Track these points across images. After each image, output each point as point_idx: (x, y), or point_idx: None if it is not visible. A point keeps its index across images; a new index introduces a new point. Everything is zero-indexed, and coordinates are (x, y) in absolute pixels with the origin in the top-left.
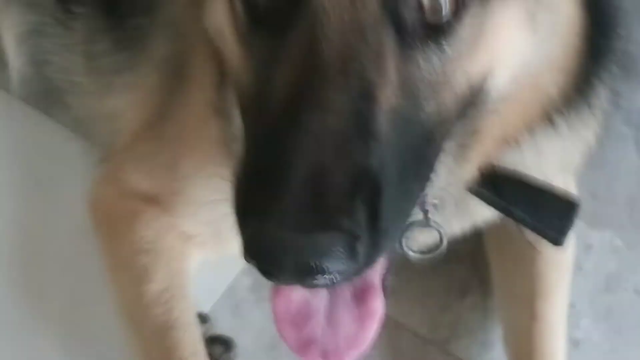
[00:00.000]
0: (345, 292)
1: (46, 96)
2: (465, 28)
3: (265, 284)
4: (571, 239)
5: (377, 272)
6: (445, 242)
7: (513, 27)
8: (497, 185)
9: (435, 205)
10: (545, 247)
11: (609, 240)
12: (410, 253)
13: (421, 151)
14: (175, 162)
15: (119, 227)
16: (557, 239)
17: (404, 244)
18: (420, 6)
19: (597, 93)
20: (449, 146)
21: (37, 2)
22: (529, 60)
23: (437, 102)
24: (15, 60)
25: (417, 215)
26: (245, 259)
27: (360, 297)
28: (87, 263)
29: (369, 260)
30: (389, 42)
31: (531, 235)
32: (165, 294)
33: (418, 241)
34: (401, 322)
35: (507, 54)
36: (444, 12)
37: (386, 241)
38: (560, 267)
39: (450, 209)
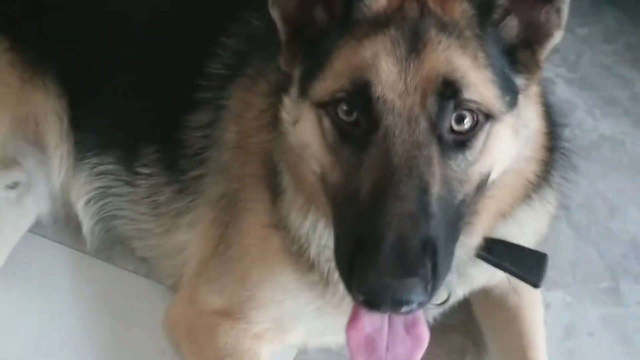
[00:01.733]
0: (400, 325)
1: (111, 247)
2: (478, 143)
3: None
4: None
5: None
6: (451, 298)
7: (504, 138)
8: (490, 249)
9: None
10: (525, 295)
11: (561, 298)
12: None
13: (455, 223)
14: (244, 277)
15: (201, 339)
16: (535, 283)
17: None
18: (453, 129)
19: (555, 177)
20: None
21: (104, 170)
22: (514, 158)
23: (462, 191)
24: (87, 222)
25: None
26: (355, 298)
27: (411, 327)
28: None
29: (432, 296)
30: (435, 154)
31: (515, 283)
32: None
33: None
34: None
35: (501, 156)
36: (466, 130)
37: (440, 283)
38: (538, 307)
39: (454, 276)
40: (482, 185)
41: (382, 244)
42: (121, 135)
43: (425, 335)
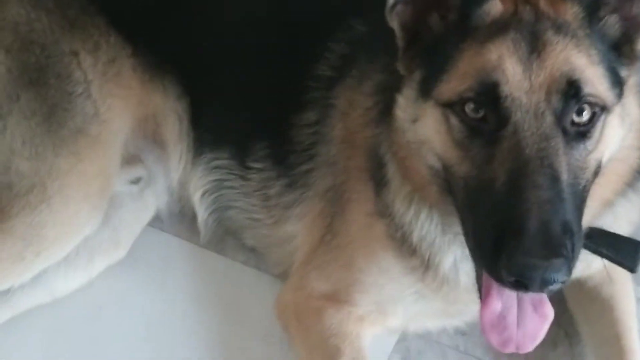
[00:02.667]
0: (528, 304)
1: (223, 239)
2: (596, 133)
3: (412, 357)
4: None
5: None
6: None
7: (614, 127)
8: (589, 236)
9: None
10: (618, 286)
11: None
12: None
13: (580, 207)
14: (349, 263)
15: (309, 321)
16: (632, 268)
17: None
18: (573, 122)
19: None
20: None
21: (219, 165)
22: (619, 145)
23: (584, 178)
24: (202, 213)
25: None
26: (502, 280)
27: (537, 306)
28: (270, 353)
29: (571, 274)
30: (560, 145)
31: (611, 272)
32: None
33: None
34: None
35: (611, 143)
36: (585, 122)
37: (576, 263)
38: (631, 299)
39: None
40: (597, 172)
41: (528, 229)
42: (235, 132)
43: (550, 312)
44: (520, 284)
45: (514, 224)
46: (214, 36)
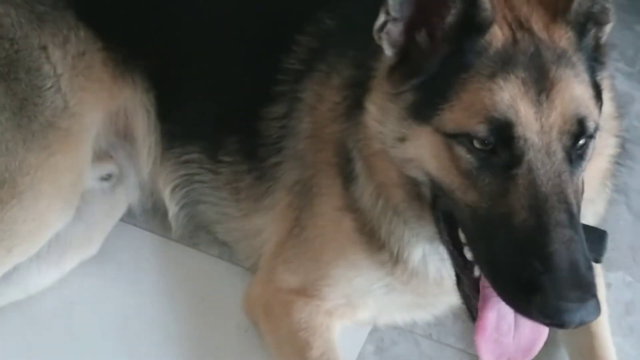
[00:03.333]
0: (523, 320)
1: (194, 233)
2: (589, 152)
3: (386, 347)
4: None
5: None
6: None
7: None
8: None
9: None
10: None
11: (622, 278)
12: None
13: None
14: (318, 256)
15: (277, 315)
16: (597, 258)
17: None
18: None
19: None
20: None
21: (189, 159)
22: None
23: (580, 199)
24: (173, 208)
25: None
26: (532, 318)
27: (533, 323)
28: (244, 346)
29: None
30: (568, 175)
31: None
32: (323, 356)
33: None
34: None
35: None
36: (581, 146)
37: None
38: (601, 285)
39: None
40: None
41: (559, 271)
42: (204, 126)
43: (543, 329)
44: (555, 325)
45: (544, 264)
46: (182, 29)
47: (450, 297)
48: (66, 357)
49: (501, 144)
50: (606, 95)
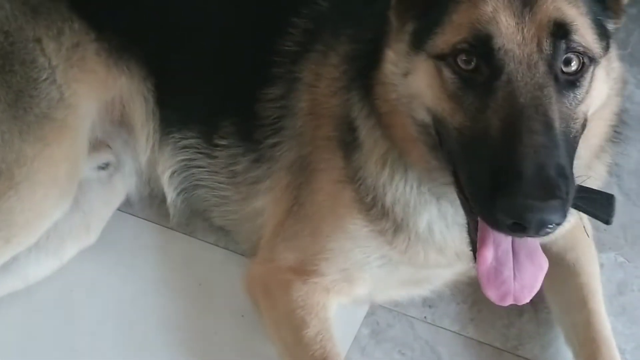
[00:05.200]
0: (522, 254)
1: (192, 220)
2: (585, 83)
3: (381, 330)
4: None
5: (539, 241)
6: None
7: (601, 81)
8: None
9: None
10: (582, 251)
11: (613, 258)
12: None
13: (571, 156)
14: (316, 231)
15: (276, 294)
16: (606, 219)
17: None
18: (564, 71)
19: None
20: None
21: (186, 144)
22: (604, 99)
23: (575, 127)
24: (171, 194)
25: None
26: (500, 224)
27: (533, 257)
28: (242, 330)
29: (566, 217)
30: (553, 93)
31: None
32: (319, 335)
33: None
34: (481, 341)
35: (598, 95)
36: (573, 72)
37: (569, 207)
38: (595, 263)
39: None
40: (585, 124)
41: (525, 172)
42: (201, 111)
43: (545, 261)
44: (518, 227)
45: (511, 168)
46: (176, 14)
47: (447, 270)
48: (66, 345)
49: (483, 59)
50: (617, 53)
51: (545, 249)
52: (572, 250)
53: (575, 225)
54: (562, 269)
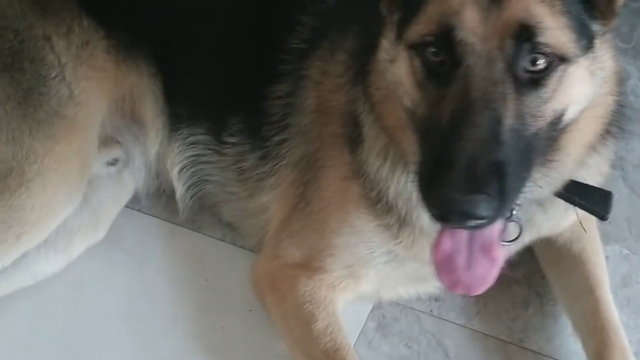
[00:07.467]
0: (477, 247)
1: (197, 217)
2: (552, 83)
3: (387, 323)
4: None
5: (496, 233)
6: (523, 235)
7: (580, 79)
8: (565, 187)
9: (519, 206)
10: (588, 242)
11: (618, 251)
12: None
13: (527, 154)
14: (322, 227)
15: (283, 289)
16: (603, 215)
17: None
18: (526, 69)
19: (618, 125)
20: (541, 161)
21: (195, 140)
22: (590, 97)
23: (536, 125)
24: (180, 189)
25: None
26: (431, 213)
27: (487, 250)
28: (249, 324)
29: (499, 213)
30: (509, 90)
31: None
32: (329, 328)
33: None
34: (487, 334)
35: (576, 96)
36: (539, 70)
37: (507, 204)
38: (600, 253)
39: (537, 210)
40: (556, 122)
41: (455, 164)
42: (209, 107)
43: (500, 257)
44: (442, 217)
45: (446, 159)
46: (185, 11)
47: None
48: (75, 341)
49: (447, 51)
50: (609, 51)
51: (552, 241)
52: (577, 242)
53: (581, 218)
54: (568, 260)
